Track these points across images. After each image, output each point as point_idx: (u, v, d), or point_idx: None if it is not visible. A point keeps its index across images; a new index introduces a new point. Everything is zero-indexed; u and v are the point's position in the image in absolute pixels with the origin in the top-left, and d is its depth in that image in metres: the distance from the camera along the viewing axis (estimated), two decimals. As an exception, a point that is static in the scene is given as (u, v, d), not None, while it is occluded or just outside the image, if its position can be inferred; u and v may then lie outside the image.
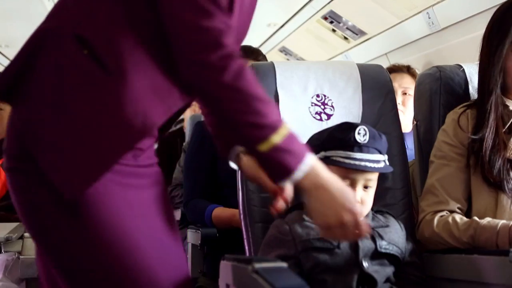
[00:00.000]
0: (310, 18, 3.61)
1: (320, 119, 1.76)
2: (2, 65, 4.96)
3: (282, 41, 4.37)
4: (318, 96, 1.78)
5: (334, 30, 3.62)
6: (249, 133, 1.17)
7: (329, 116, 1.77)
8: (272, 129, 1.16)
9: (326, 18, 3.51)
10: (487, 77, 1.64)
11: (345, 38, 3.63)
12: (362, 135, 1.49)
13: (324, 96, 1.79)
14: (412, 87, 2.46)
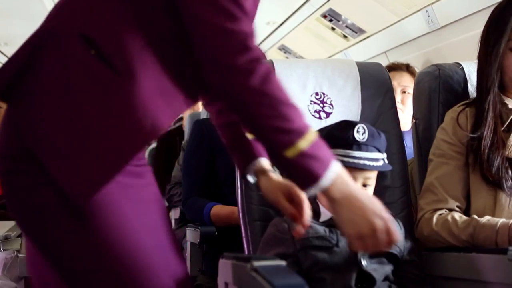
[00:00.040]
0: (310, 16, 3.60)
1: (319, 117, 1.76)
2: (1, 63, 4.95)
3: (281, 39, 4.36)
4: (317, 94, 1.78)
5: (333, 28, 3.62)
6: (275, 138, 1.15)
7: (328, 115, 1.77)
8: (299, 134, 1.14)
9: (325, 16, 3.51)
10: (485, 75, 1.64)
11: (344, 36, 3.63)
12: (361, 133, 1.49)
13: (323, 94, 1.79)
14: (411, 86, 2.45)
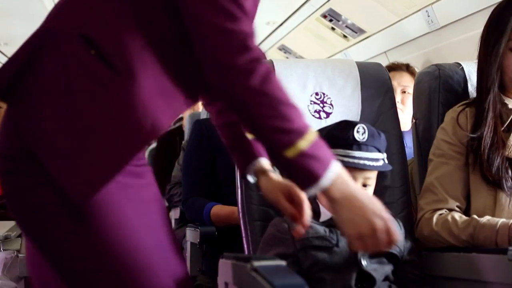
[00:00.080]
0: (310, 16, 3.60)
1: (319, 117, 1.76)
2: (1, 63, 4.95)
3: (281, 39, 4.36)
4: (317, 94, 1.78)
5: (333, 28, 3.62)
6: (275, 138, 1.16)
7: (328, 115, 1.77)
8: (299, 134, 1.15)
9: (325, 16, 3.51)
10: (485, 75, 1.64)
11: (344, 36, 3.63)
12: (361, 133, 1.49)
13: (323, 94, 1.79)
14: (411, 86, 2.45)
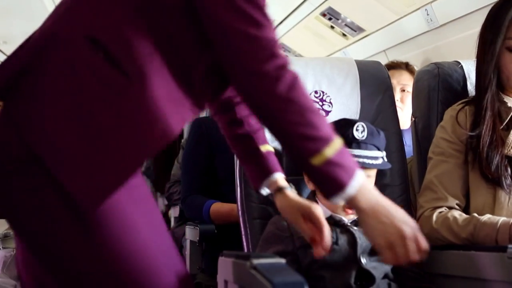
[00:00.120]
0: (309, 15, 3.60)
1: (319, 116, 1.76)
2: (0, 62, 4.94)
3: (280, 38, 4.36)
4: (316, 92, 1.78)
5: (332, 27, 3.61)
6: (302, 145, 1.15)
7: (327, 113, 1.77)
8: (325, 142, 1.14)
9: (324, 15, 3.50)
10: (482, 74, 1.64)
11: (343, 35, 3.63)
12: (360, 131, 1.49)
13: (322, 92, 1.79)
14: (410, 84, 2.45)
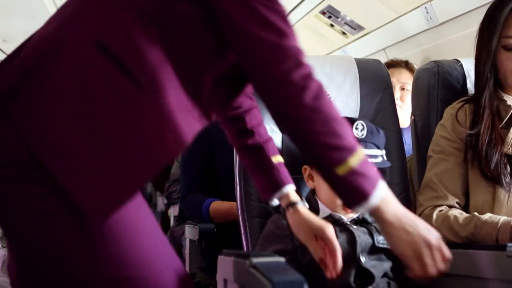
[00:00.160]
0: (308, 13, 3.59)
1: (318, 114, 1.75)
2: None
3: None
4: (316, 91, 1.78)
5: (332, 25, 3.61)
6: (327, 154, 1.14)
7: (327, 111, 1.77)
8: (350, 151, 1.14)
9: (324, 13, 3.50)
10: (480, 73, 1.65)
11: (343, 33, 3.63)
12: (360, 130, 1.49)
13: (322, 91, 1.78)
14: (410, 82, 2.45)
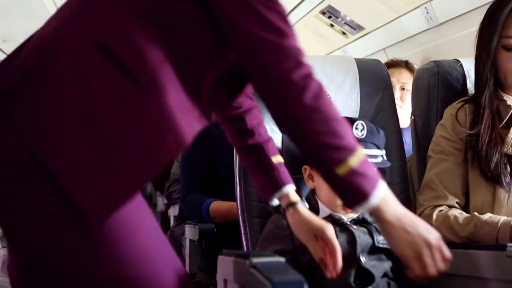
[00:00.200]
0: (308, 13, 3.59)
1: (318, 114, 1.75)
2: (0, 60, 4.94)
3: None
4: (316, 91, 1.78)
5: (332, 25, 3.61)
6: (327, 154, 1.15)
7: (327, 111, 1.77)
8: (350, 151, 1.14)
9: (324, 13, 3.50)
10: (480, 73, 1.65)
11: (343, 33, 3.62)
12: (360, 130, 1.49)
13: (322, 91, 1.78)
14: (410, 82, 2.45)
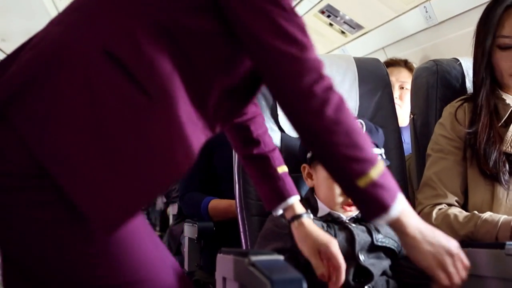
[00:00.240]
0: (307, 12, 3.59)
1: (317, 113, 1.75)
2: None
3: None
4: (315, 89, 1.78)
5: (331, 24, 3.61)
6: (348, 166, 1.14)
7: (326, 110, 1.77)
8: (370, 163, 1.14)
9: (323, 12, 3.50)
10: (476, 72, 1.65)
11: (342, 32, 3.63)
12: (358, 128, 1.49)
13: (321, 89, 1.78)
14: (409, 81, 2.45)
